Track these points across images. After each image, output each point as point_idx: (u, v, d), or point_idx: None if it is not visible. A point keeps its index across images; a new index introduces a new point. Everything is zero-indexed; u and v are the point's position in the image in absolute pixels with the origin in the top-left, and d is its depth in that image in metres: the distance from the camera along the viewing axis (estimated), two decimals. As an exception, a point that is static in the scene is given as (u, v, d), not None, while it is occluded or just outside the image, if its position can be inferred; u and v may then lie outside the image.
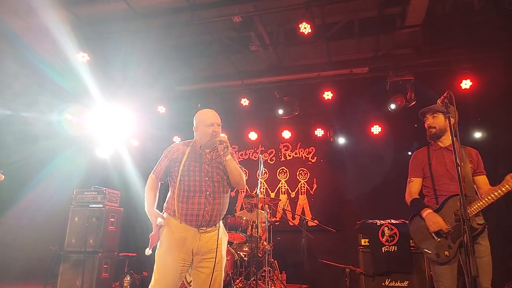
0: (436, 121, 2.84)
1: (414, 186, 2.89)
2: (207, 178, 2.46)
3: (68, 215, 5.23)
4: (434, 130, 2.85)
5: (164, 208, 2.54)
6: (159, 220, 2.39)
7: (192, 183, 2.43)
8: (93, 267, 4.92)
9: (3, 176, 3.78)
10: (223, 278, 2.49)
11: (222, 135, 2.49)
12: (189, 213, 2.40)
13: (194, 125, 2.62)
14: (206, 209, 2.40)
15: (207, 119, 2.56)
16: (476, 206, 2.53)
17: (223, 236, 2.55)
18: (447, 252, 2.53)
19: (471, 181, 2.68)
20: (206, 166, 2.50)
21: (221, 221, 2.57)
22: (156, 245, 2.41)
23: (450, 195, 2.64)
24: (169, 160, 2.53)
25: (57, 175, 6.35)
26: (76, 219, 5.17)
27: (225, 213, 2.57)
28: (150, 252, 2.39)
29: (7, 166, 3.82)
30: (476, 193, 2.75)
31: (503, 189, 2.50)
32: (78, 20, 5.30)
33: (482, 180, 2.77)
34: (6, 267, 6.86)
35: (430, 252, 2.61)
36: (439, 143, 2.88)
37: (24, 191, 6.35)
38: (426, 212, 2.66)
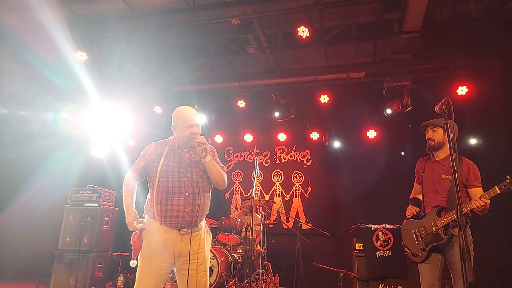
0: (435, 135, 3.01)
1: (415, 190, 3.24)
2: (185, 179, 2.39)
3: (63, 214, 5.20)
4: (433, 143, 3.01)
5: (144, 210, 2.49)
6: (140, 225, 2.33)
7: (171, 184, 2.37)
8: (87, 266, 4.90)
9: None
10: (208, 279, 2.44)
11: (201, 136, 2.42)
12: (169, 214, 2.35)
13: (172, 124, 2.51)
14: (186, 210, 2.35)
15: (186, 120, 2.46)
16: (446, 218, 2.78)
17: (207, 236, 2.51)
18: (420, 254, 2.90)
19: (455, 194, 2.71)
20: (185, 166, 2.43)
21: (204, 221, 2.53)
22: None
23: (433, 206, 2.92)
24: (146, 161, 2.45)
25: (53, 174, 6.32)
26: (71, 218, 5.15)
27: (207, 212, 2.51)
28: (136, 263, 2.34)
29: (2, 165, 3.80)
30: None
31: (468, 206, 2.68)
32: (74, 18, 5.28)
33: (473, 192, 2.83)
34: (1, 265, 6.82)
35: (409, 250, 3.01)
36: (435, 155, 3.06)
37: (19, 190, 6.32)
38: (409, 206, 3.11)
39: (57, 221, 5.34)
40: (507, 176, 2.57)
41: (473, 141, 5.91)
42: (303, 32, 4.57)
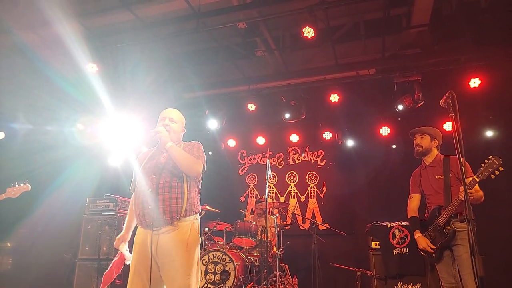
0: (423, 141, 3.24)
1: (413, 202, 3.32)
2: (154, 176, 2.34)
3: (82, 223, 5.31)
4: (421, 149, 3.24)
5: None
6: (120, 247, 2.48)
7: (139, 183, 2.38)
8: (106, 274, 4.98)
9: (30, 186, 3.88)
10: (192, 283, 2.26)
11: (160, 127, 2.43)
12: (137, 214, 2.35)
13: None
14: (149, 207, 2.27)
15: (160, 117, 2.55)
16: (444, 215, 2.93)
17: (190, 237, 2.31)
18: (434, 254, 3.01)
19: (450, 192, 3.00)
20: (159, 165, 2.39)
21: (190, 221, 2.37)
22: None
23: (434, 207, 3.07)
24: (136, 170, 2.50)
25: (70, 184, 6.48)
26: (89, 227, 5.26)
27: (183, 210, 2.32)
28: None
29: (20, 176, 3.93)
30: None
31: (457, 197, 2.83)
32: (87, 31, 5.43)
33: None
34: (22, 274, 7.00)
35: (424, 254, 3.10)
36: (424, 161, 3.28)
37: (39, 200, 6.49)
38: (417, 236, 3.16)
39: (75, 230, 5.46)
40: (481, 164, 2.73)
41: (489, 133, 5.78)
42: (308, 32, 4.58)
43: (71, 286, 5.06)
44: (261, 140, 7.25)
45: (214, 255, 4.83)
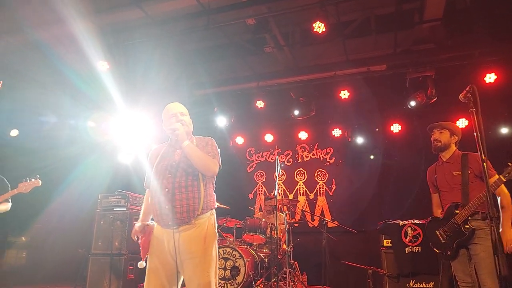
0: (442, 136, 3.17)
1: (433, 201, 3.31)
2: (169, 175, 2.32)
3: (94, 219, 5.39)
4: (439, 144, 3.17)
5: None
6: (135, 237, 2.40)
7: (156, 182, 2.34)
8: (119, 269, 5.04)
9: (40, 181, 3.95)
10: (212, 280, 2.27)
11: (176, 123, 2.37)
12: (155, 213, 2.35)
13: (163, 124, 2.51)
14: (166, 207, 2.26)
15: (168, 112, 2.47)
16: (463, 213, 2.87)
17: (208, 234, 2.33)
18: (449, 252, 2.97)
19: (468, 188, 2.95)
20: (173, 163, 2.36)
21: (206, 220, 2.37)
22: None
23: (450, 204, 3.02)
24: (150, 167, 2.47)
25: (82, 180, 6.58)
26: (102, 222, 5.33)
27: (201, 208, 2.32)
28: (144, 264, 2.36)
29: (34, 171, 4.00)
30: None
31: (480, 195, 2.77)
32: (99, 28, 5.48)
33: (491, 181, 2.80)
34: (37, 269, 7.16)
35: (438, 251, 3.07)
36: (442, 157, 3.22)
37: (53, 196, 6.61)
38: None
39: (88, 225, 5.55)
40: (509, 164, 2.66)
41: (504, 129, 5.65)
42: (319, 27, 4.54)
43: (84, 280, 5.14)
44: (269, 138, 7.23)
45: (224, 251, 4.85)
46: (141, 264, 2.38)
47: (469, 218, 2.85)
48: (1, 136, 6.58)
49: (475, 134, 2.37)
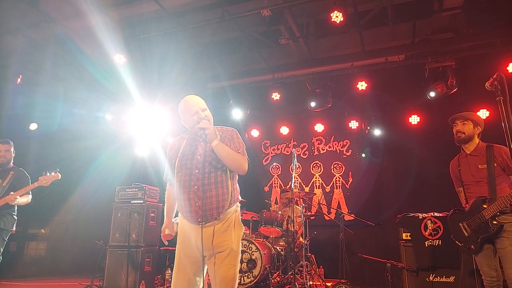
0: (465, 127, 3.05)
1: (460, 195, 3.19)
2: (197, 171, 2.27)
3: (112, 211, 5.46)
4: (463, 135, 3.05)
5: None
6: (167, 233, 2.45)
7: (183, 178, 2.29)
8: (136, 261, 5.11)
9: (60, 175, 4.00)
10: (236, 273, 2.27)
11: (204, 121, 2.29)
12: (183, 209, 2.31)
13: (181, 118, 2.42)
14: (196, 204, 2.23)
15: (189, 108, 2.35)
16: (492, 209, 2.77)
17: (235, 228, 2.33)
18: (473, 246, 2.90)
19: (494, 182, 2.86)
20: (198, 157, 2.30)
21: (232, 213, 2.35)
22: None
23: (476, 197, 2.93)
24: (169, 160, 2.43)
25: (100, 172, 6.67)
26: (119, 214, 5.38)
27: (228, 203, 2.30)
28: (166, 242, 2.47)
29: (54, 164, 4.05)
30: None
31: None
32: (116, 22, 5.51)
33: None
34: (56, 260, 7.32)
35: (461, 244, 3.00)
36: (465, 149, 3.11)
37: (71, 189, 6.73)
38: None
39: (106, 217, 5.62)
40: None
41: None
42: (337, 17, 4.45)
43: (102, 272, 5.23)
44: (285, 130, 7.18)
45: (241, 244, 4.85)
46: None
47: (498, 213, 2.76)
48: (20, 130, 6.71)
49: (503, 124, 2.27)
